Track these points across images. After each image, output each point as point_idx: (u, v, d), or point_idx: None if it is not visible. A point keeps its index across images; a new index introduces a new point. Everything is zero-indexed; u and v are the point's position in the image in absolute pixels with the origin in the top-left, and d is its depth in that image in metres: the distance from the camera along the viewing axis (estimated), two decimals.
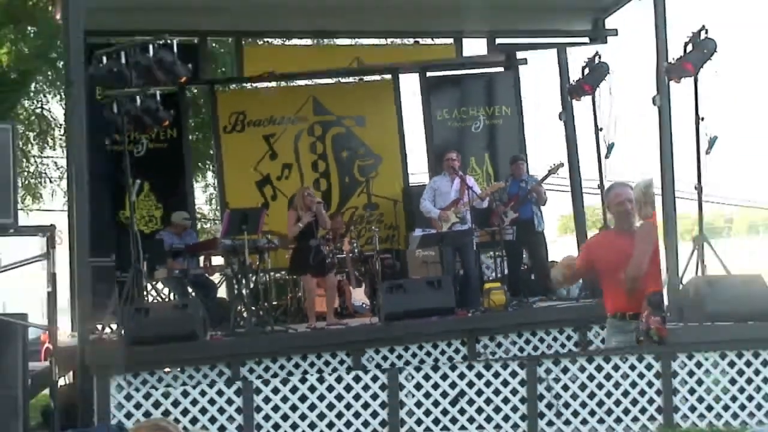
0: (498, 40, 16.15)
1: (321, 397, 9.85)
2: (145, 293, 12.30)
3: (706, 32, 11.41)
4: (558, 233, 46.04)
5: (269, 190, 16.82)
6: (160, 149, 15.90)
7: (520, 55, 17.47)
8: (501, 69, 17.58)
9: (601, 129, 13.98)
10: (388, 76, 17.55)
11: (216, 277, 15.05)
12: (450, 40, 17.12)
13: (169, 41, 10.80)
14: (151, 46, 10.64)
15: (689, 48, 11.49)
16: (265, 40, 18.49)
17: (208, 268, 14.73)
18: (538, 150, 16.89)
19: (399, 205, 17.17)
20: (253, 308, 12.86)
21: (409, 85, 17.79)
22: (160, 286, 14.21)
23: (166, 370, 10.36)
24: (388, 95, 17.48)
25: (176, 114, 13.47)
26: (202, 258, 14.85)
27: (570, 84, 15.07)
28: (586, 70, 14.34)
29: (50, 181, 21.34)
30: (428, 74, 17.46)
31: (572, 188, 16.08)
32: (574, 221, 16.68)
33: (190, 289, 14.15)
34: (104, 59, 10.64)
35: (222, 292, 15.47)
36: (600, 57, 14.22)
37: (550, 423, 10.15)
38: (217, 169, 17.30)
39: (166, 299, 14.05)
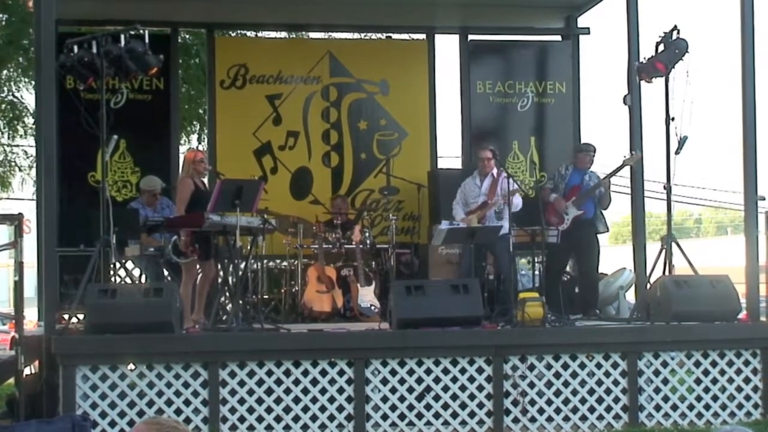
0: (470, 37, 15.42)
1: (287, 390, 9.82)
2: (112, 273, 10.74)
3: (678, 32, 11.43)
4: (608, 242, 39.76)
5: (269, 161, 14.81)
6: (142, 101, 14.17)
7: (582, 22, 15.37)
8: (558, 37, 15.60)
9: (672, 118, 11.43)
10: (422, 36, 15.50)
11: None
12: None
13: (141, 31, 10.73)
14: (122, 36, 10.58)
15: (661, 48, 11.50)
16: (238, 32, 18.32)
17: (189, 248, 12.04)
18: (593, 139, 13.92)
19: (423, 192, 14.52)
20: (240, 301, 11.44)
21: (446, 49, 15.66)
22: (130, 265, 12.55)
23: (131, 367, 9.72)
24: (419, 59, 15.28)
25: (165, 61, 11.86)
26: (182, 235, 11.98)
27: (640, 62, 11.97)
28: (661, 47, 11.60)
29: (20, 170, 21.22)
30: (470, 37, 15.30)
31: (633, 189, 12.89)
32: (632, 229, 13.47)
33: (165, 272, 12.57)
34: (75, 48, 10.55)
35: None
36: (679, 32, 11.54)
37: (515, 420, 10.17)
38: (209, 132, 15.27)
39: (137, 281, 12.38)
